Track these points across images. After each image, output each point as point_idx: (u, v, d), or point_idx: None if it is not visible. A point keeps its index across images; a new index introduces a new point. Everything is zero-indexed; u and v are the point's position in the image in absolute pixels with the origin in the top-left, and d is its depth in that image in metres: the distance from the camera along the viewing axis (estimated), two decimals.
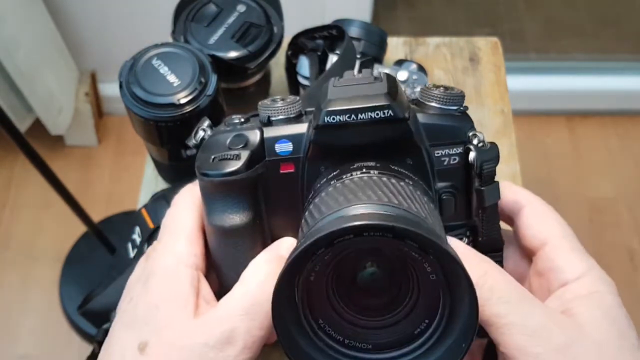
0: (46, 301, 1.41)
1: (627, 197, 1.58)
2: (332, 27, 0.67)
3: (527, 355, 0.29)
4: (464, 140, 0.34)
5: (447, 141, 0.34)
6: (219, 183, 0.33)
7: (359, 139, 0.33)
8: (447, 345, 0.29)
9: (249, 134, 0.34)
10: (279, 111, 0.35)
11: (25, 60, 1.26)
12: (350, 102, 0.32)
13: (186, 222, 0.35)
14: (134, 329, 0.31)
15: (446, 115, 0.34)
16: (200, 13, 0.64)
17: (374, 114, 0.32)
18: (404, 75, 0.68)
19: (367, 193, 0.29)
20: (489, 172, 0.34)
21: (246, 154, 0.33)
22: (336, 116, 0.32)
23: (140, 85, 0.55)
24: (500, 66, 0.79)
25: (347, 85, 0.34)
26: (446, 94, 0.35)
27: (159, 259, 0.34)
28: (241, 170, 0.33)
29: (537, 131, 1.65)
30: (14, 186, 1.56)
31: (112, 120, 1.64)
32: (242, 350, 0.30)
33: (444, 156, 0.35)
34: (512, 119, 0.75)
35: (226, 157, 0.33)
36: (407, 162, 0.34)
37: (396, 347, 0.30)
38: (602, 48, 1.70)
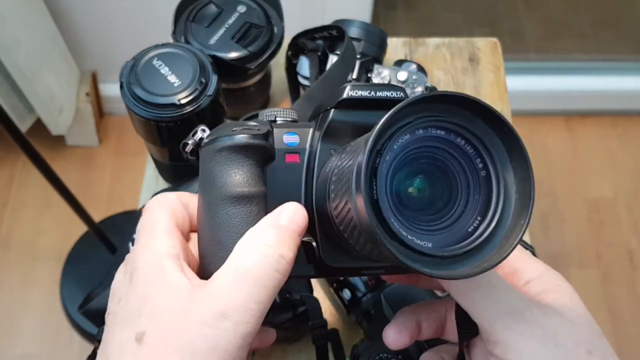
0: (47, 300, 1.41)
1: (626, 196, 1.58)
2: (332, 27, 0.68)
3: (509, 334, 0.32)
4: None
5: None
6: (243, 145, 0.35)
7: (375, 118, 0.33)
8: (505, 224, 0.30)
9: (259, 123, 0.37)
10: (284, 115, 0.38)
11: (27, 60, 1.27)
12: (367, 85, 0.36)
13: (160, 221, 0.35)
14: (128, 323, 0.31)
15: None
16: (201, 14, 0.64)
17: (389, 92, 0.35)
18: (404, 76, 0.68)
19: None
20: None
21: (266, 127, 0.36)
22: (358, 90, 0.35)
23: (141, 85, 0.55)
24: (499, 66, 0.79)
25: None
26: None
27: (139, 258, 0.33)
28: (264, 137, 0.35)
29: (536, 131, 1.65)
30: (15, 186, 1.56)
31: (113, 120, 1.65)
32: (238, 324, 0.29)
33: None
34: (511, 119, 0.75)
35: (248, 128, 0.35)
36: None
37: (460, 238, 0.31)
38: (601, 48, 1.70)
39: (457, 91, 0.29)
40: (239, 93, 0.68)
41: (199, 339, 0.29)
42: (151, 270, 0.32)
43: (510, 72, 0.80)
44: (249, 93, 0.69)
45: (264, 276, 0.31)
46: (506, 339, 0.32)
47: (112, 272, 0.60)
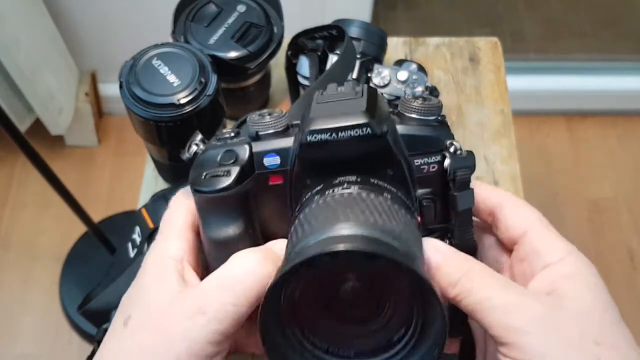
0: (46, 301, 1.41)
1: (626, 196, 1.58)
2: (332, 27, 0.67)
3: (510, 330, 0.31)
4: (441, 149, 0.36)
5: (425, 150, 0.36)
6: (211, 199, 0.36)
7: (341, 154, 0.35)
8: (422, 351, 0.31)
9: (238, 150, 0.36)
10: (267, 126, 0.37)
11: (26, 60, 1.27)
12: (330, 121, 0.34)
13: (176, 222, 0.38)
14: (121, 310, 0.35)
15: (424, 125, 0.37)
16: (200, 13, 0.64)
17: (353, 132, 0.34)
18: (404, 75, 0.68)
19: (345, 212, 0.31)
20: (462, 179, 0.35)
21: (236, 170, 0.36)
22: (318, 135, 0.34)
23: (141, 85, 0.55)
24: (500, 66, 0.79)
25: (329, 101, 0.36)
26: (424, 105, 0.37)
27: (149, 255, 0.37)
28: (232, 186, 0.35)
29: (536, 131, 1.65)
30: (14, 186, 1.56)
31: (112, 120, 1.64)
32: (211, 320, 0.32)
33: (423, 164, 0.37)
34: (511, 119, 0.75)
35: (217, 174, 0.35)
36: (388, 172, 0.36)
37: (377, 354, 0.32)
38: (601, 48, 1.70)
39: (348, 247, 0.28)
40: (238, 93, 0.68)
41: (176, 326, 0.32)
42: (154, 269, 0.36)
43: (510, 71, 0.79)
44: (248, 93, 0.69)
45: (246, 284, 0.33)
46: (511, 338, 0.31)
47: (111, 273, 0.60)
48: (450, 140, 0.36)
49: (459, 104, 0.76)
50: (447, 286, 0.33)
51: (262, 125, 0.37)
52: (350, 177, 0.35)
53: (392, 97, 0.68)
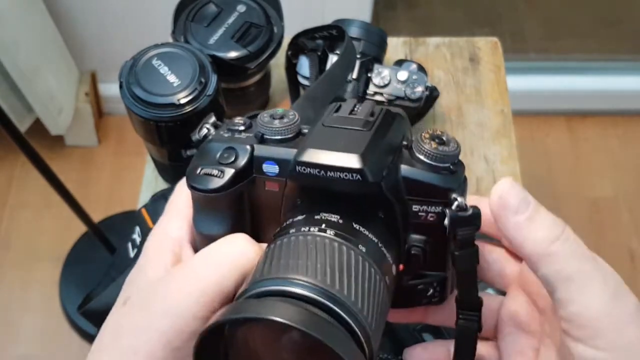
0: (46, 301, 1.41)
1: (627, 197, 1.58)
2: (332, 27, 0.67)
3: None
4: (444, 201, 0.33)
5: (425, 198, 0.33)
6: (202, 196, 0.35)
7: (331, 188, 0.33)
8: None
9: (239, 149, 0.35)
10: (274, 131, 0.35)
11: (26, 60, 1.27)
12: (322, 156, 0.32)
13: (179, 202, 0.38)
14: (124, 291, 0.35)
15: (432, 172, 0.33)
16: (200, 13, 0.64)
17: (343, 174, 0.32)
18: (404, 75, 0.68)
19: (306, 264, 0.29)
20: (464, 238, 0.32)
21: (230, 172, 0.34)
22: (307, 168, 0.32)
23: (141, 85, 0.55)
24: (500, 66, 0.79)
25: (334, 126, 0.34)
26: (437, 151, 0.33)
27: (151, 235, 0.38)
28: (223, 189, 0.34)
29: (537, 131, 1.65)
30: (14, 186, 1.56)
31: (112, 120, 1.64)
32: (195, 294, 0.32)
33: (421, 211, 0.34)
34: (512, 119, 0.75)
35: (212, 173, 0.35)
36: (379, 214, 0.34)
37: None
38: (602, 48, 1.70)
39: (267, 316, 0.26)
40: (238, 93, 0.68)
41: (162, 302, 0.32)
42: (152, 250, 0.36)
43: (510, 71, 0.79)
44: (248, 93, 0.69)
45: (232, 259, 0.33)
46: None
47: (110, 273, 0.60)
48: (456, 194, 0.32)
49: (459, 104, 0.76)
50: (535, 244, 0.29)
51: (269, 129, 0.35)
52: (333, 216, 0.33)
53: (393, 97, 0.68)
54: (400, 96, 0.68)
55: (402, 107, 0.68)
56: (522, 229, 0.30)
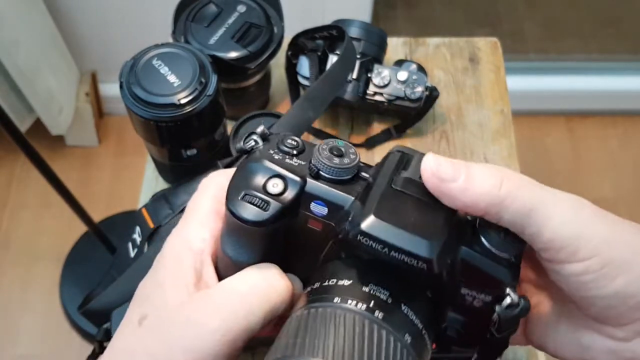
0: (46, 301, 1.41)
1: (626, 197, 1.58)
2: (332, 27, 0.67)
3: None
4: (497, 292, 0.31)
5: (480, 286, 0.31)
6: (238, 224, 0.32)
7: (387, 262, 0.30)
8: None
9: (290, 181, 0.32)
10: (332, 171, 0.32)
11: (26, 60, 1.27)
12: (390, 232, 0.29)
13: (201, 207, 0.34)
14: (138, 305, 0.32)
15: (494, 261, 0.30)
16: (201, 13, 0.64)
17: (408, 259, 0.29)
18: (404, 76, 0.68)
19: (343, 349, 0.26)
20: (507, 322, 0.30)
21: (277, 207, 0.31)
22: (369, 240, 0.29)
23: (141, 85, 0.55)
24: (500, 66, 0.79)
25: (404, 192, 0.31)
26: (505, 241, 0.30)
27: (170, 242, 0.34)
28: (265, 223, 0.31)
29: (536, 131, 1.65)
30: (15, 186, 1.56)
31: (112, 120, 1.64)
32: (218, 331, 0.30)
33: (469, 296, 0.31)
34: (511, 119, 0.75)
35: (255, 202, 0.31)
36: (427, 293, 0.32)
37: None
38: (601, 48, 1.70)
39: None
40: (238, 93, 0.68)
41: (181, 335, 0.30)
42: (172, 260, 0.33)
43: (510, 72, 0.79)
44: (248, 93, 0.69)
45: (262, 294, 0.31)
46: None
47: (111, 273, 0.60)
48: (510, 289, 0.30)
49: (459, 104, 0.76)
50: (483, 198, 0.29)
51: (327, 167, 0.32)
52: (383, 292, 0.30)
53: (392, 97, 0.68)
54: (400, 96, 0.68)
55: (401, 107, 0.69)
56: (468, 190, 0.29)
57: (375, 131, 0.74)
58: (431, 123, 0.75)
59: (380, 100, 0.69)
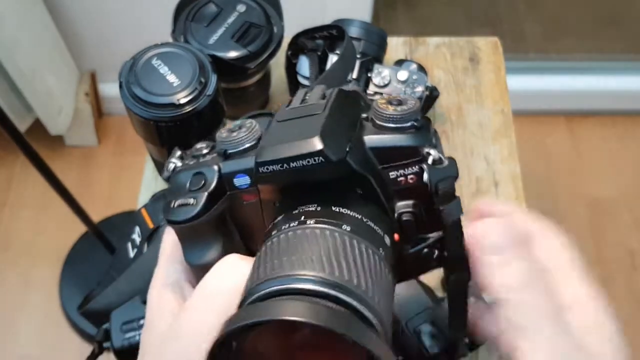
0: (46, 301, 1.41)
1: (627, 197, 1.58)
2: (332, 27, 0.67)
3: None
4: (418, 159, 0.32)
5: (400, 162, 0.32)
6: (185, 227, 0.34)
7: (300, 180, 0.32)
8: None
9: (207, 172, 0.34)
10: (235, 143, 0.34)
11: (25, 60, 1.27)
12: (280, 150, 0.31)
13: (166, 248, 0.37)
14: (139, 354, 0.34)
15: (398, 133, 0.32)
16: (200, 13, 0.64)
17: (305, 161, 0.31)
18: (404, 75, 0.68)
19: (301, 257, 0.28)
20: (445, 191, 0.32)
21: (203, 196, 0.33)
22: (268, 166, 0.31)
23: (140, 85, 0.55)
24: (500, 66, 0.79)
25: (288, 119, 0.34)
26: (397, 112, 0.32)
27: (151, 290, 0.36)
28: (199, 215, 0.33)
29: (537, 131, 1.65)
30: (14, 186, 1.56)
31: (112, 120, 1.64)
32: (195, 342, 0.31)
33: (400, 176, 0.33)
34: (512, 119, 0.75)
35: (186, 203, 0.34)
36: (357, 191, 0.33)
37: None
38: (602, 48, 1.70)
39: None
40: (238, 93, 0.68)
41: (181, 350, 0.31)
42: (156, 301, 0.35)
43: (510, 71, 0.79)
44: (248, 93, 0.69)
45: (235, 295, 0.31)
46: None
47: (110, 273, 0.60)
48: (428, 148, 0.32)
49: (459, 104, 0.76)
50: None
51: (230, 143, 0.34)
52: (311, 206, 0.32)
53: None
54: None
55: None
56: (489, 270, 0.31)
57: None
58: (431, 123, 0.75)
59: None
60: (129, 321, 0.52)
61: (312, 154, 0.30)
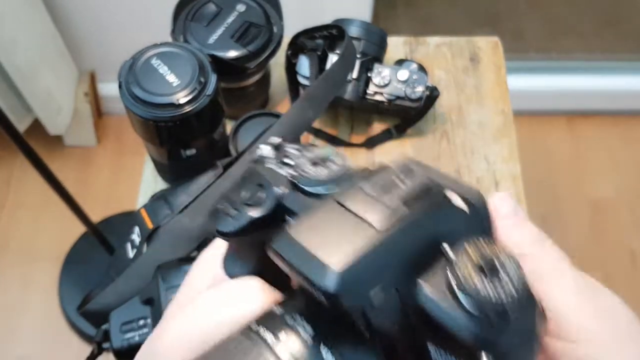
0: (45, 301, 1.41)
1: (628, 197, 1.58)
2: (332, 26, 0.67)
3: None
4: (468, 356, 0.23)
5: (444, 346, 0.24)
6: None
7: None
8: None
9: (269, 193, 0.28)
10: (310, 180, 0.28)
11: (25, 60, 1.26)
12: (292, 252, 0.23)
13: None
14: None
15: (468, 315, 0.23)
16: (200, 13, 0.64)
17: (310, 287, 0.23)
18: (405, 75, 0.67)
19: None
20: None
21: (246, 219, 0.28)
22: (275, 258, 0.24)
23: (140, 85, 0.55)
24: (500, 66, 0.79)
25: (345, 206, 0.24)
26: (486, 291, 0.22)
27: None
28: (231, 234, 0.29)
29: (537, 131, 1.65)
30: (13, 186, 1.56)
31: (111, 120, 1.64)
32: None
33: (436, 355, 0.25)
34: (512, 118, 0.75)
35: (228, 212, 0.29)
36: (363, 335, 0.26)
37: None
38: (602, 48, 1.70)
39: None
40: (238, 92, 0.68)
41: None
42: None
43: (511, 71, 0.79)
44: (248, 92, 0.69)
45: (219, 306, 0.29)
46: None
47: (110, 273, 0.60)
48: (487, 355, 0.23)
49: (460, 104, 0.76)
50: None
51: (303, 176, 0.28)
52: (307, 329, 0.24)
53: (393, 97, 0.68)
54: (400, 96, 0.68)
55: (402, 107, 0.68)
56: (508, 231, 0.31)
57: (376, 131, 0.74)
58: (432, 123, 0.75)
59: (381, 100, 0.69)
60: (128, 322, 0.52)
61: (318, 289, 0.22)
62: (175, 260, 0.55)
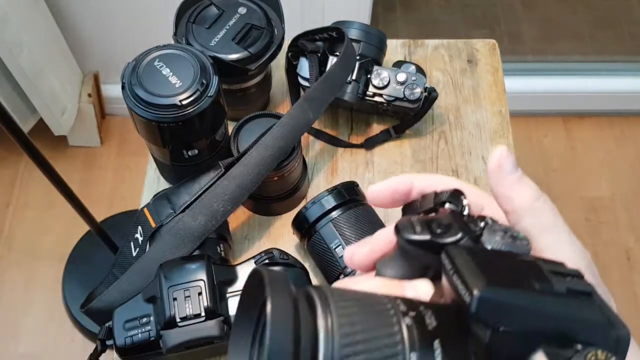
0: (49, 300, 1.41)
1: (623, 196, 1.58)
2: (332, 29, 0.68)
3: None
4: None
5: None
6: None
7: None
8: None
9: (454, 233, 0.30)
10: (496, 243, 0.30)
11: (29, 61, 1.27)
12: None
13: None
14: None
15: None
16: (202, 15, 0.64)
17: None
18: (403, 77, 0.68)
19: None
20: None
21: (424, 238, 0.30)
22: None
23: (143, 86, 0.56)
24: (497, 67, 0.80)
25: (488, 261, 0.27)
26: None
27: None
28: (406, 247, 0.31)
29: (534, 132, 1.65)
30: (18, 186, 1.57)
31: (114, 121, 1.65)
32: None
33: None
34: (509, 119, 0.76)
35: (413, 226, 0.31)
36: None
37: None
38: (598, 50, 1.70)
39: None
40: (239, 94, 0.69)
41: None
42: None
43: (508, 73, 0.80)
44: (249, 94, 0.70)
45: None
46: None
47: (113, 272, 0.61)
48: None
49: (457, 105, 0.77)
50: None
51: (493, 240, 0.30)
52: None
53: (392, 98, 0.69)
54: (399, 97, 0.69)
55: (401, 108, 0.69)
56: (513, 186, 0.34)
57: (375, 132, 0.75)
58: (430, 124, 0.75)
59: (380, 101, 0.69)
60: (131, 319, 0.53)
61: (471, 290, 0.25)
62: (177, 258, 0.55)
